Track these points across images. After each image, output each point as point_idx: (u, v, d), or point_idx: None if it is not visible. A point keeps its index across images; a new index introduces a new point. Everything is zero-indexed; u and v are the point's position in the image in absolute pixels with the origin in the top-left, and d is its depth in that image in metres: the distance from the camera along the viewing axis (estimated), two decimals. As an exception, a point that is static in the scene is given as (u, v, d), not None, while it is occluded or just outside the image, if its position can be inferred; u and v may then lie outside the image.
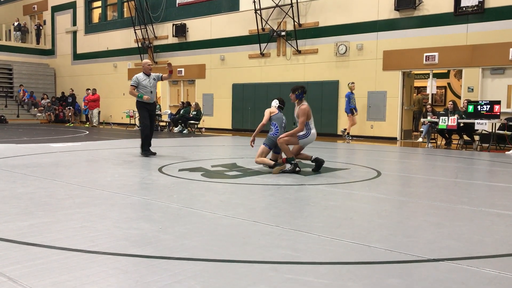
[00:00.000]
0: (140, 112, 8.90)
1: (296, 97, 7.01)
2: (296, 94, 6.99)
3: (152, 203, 4.56)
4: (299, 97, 6.98)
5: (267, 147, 7.19)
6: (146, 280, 2.51)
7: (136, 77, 8.73)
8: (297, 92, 6.99)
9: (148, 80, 8.74)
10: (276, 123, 7.29)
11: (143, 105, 8.77)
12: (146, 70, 8.78)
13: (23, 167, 6.86)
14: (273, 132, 7.21)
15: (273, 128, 7.25)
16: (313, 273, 2.66)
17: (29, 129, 17.42)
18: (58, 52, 26.10)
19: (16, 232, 3.41)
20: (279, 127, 7.26)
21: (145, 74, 8.78)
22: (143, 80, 8.70)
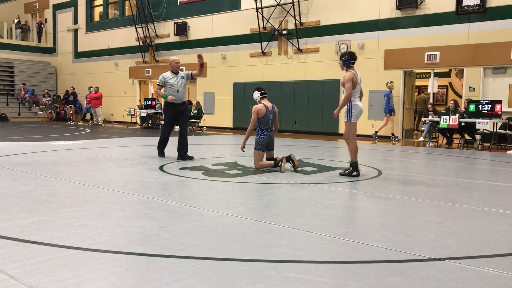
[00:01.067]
0: (166, 115, 8.28)
1: (343, 64, 6.54)
2: (343, 60, 6.52)
3: (153, 201, 4.56)
4: (346, 64, 6.49)
5: (260, 151, 7.02)
6: (147, 278, 2.51)
7: (163, 76, 8.12)
8: (343, 58, 6.53)
9: (175, 78, 8.07)
10: (261, 126, 7.04)
11: (170, 107, 8.12)
12: (174, 68, 8.12)
13: (24, 165, 6.86)
14: (259, 136, 7.02)
15: (259, 132, 7.04)
16: (313, 272, 2.66)
17: (30, 127, 17.43)
18: (59, 50, 26.10)
19: (17, 230, 3.41)
20: (265, 130, 7.02)
21: (173, 73, 8.11)
22: (170, 78, 8.05)
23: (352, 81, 6.31)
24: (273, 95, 16.91)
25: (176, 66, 8.15)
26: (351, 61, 6.50)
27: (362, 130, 14.95)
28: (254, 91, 7.31)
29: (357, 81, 6.38)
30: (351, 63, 6.50)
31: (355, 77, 6.36)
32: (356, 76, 6.38)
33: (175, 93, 8.05)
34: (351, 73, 6.36)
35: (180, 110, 8.20)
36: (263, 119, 7.05)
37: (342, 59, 6.56)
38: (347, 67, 6.51)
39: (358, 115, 6.46)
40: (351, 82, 6.31)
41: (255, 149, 7.07)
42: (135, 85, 22.11)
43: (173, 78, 8.09)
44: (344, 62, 6.53)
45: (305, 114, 16.19)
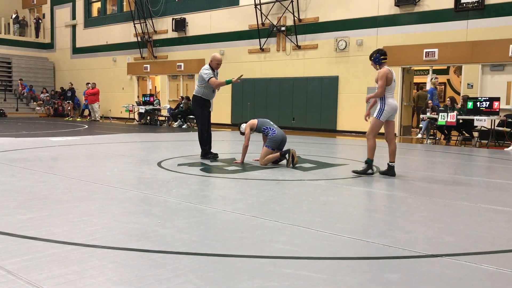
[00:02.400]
0: (203, 112, 7.74)
1: (374, 63, 6.33)
2: (373, 59, 6.32)
3: (151, 197, 4.56)
4: (376, 61, 6.28)
5: (270, 149, 7.01)
6: (145, 274, 2.51)
7: (207, 68, 7.57)
8: (373, 57, 6.33)
9: (215, 75, 7.67)
10: (266, 126, 7.11)
11: (204, 106, 7.73)
12: (215, 66, 7.67)
13: (22, 161, 6.85)
14: (271, 133, 7.03)
15: (269, 130, 7.06)
16: (312, 268, 2.67)
17: (28, 123, 17.39)
18: (57, 46, 26.02)
19: (15, 225, 3.41)
20: (273, 126, 7.13)
21: (212, 69, 7.64)
22: (214, 75, 7.60)
23: (386, 77, 6.09)
24: (271, 91, 16.92)
25: (217, 67, 7.73)
26: (381, 57, 6.26)
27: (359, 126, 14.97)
28: (241, 124, 7.44)
29: (392, 77, 6.15)
30: (382, 59, 6.25)
31: (390, 73, 6.14)
32: (391, 73, 6.17)
33: (212, 90, 7.70)
34: (386, 69, 6.15)
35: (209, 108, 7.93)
36: (260, 122, 7.20)
37: (371, 59, 6.35)
38: (379, 64, 6.27)
39: (389, 113, 6.21)
40: (385, 78, 6.08)
41: (265, 146, 7.04)
42: (133, 81, 22.07)
43: (215, 75, 7.68)
44: (375, 61, 6.30)
45: (303, 111, 16.19)
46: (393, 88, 6.25)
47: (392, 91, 6.25)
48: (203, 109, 7.78)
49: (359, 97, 14.94)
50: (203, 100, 7.72)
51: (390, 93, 6.23)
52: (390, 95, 6.23)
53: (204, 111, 7.79)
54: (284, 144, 7.13)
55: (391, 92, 6.23)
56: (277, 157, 6.99)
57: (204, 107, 7.77)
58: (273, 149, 7.03)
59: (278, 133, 7.04)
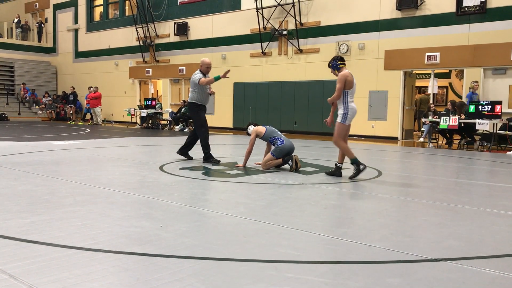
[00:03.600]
0: (200, 117, 7.88)
1: (332, 69, 6.37)
2: (331, 66, 6.37)
3: (153, 201, 4.56)
4: (334, 67, 6.31)
5: (274, 157, 6.97)
6: (147, 278, 2.51)
7: (199, 72, 7.80)
8: (330, 64, 6.38)
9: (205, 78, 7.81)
10: (274, 136, 7.08)
11: (200, 109, 7.88)
12: (205, 71, 7.88)
13: (24, 165, 6.86)
14: (279, 143, 6.97)
15: (277, 140, 7.01)
16: (313, 272, 2.66)
17: (30, 126, 17.43)
18: (59, 50, 26.10)
19: (17, 229, 3.41)
20: (281, 136, 7.09)
21: (203, 74, 7.85)
22: None
23: (346, 80, 6.12)
24: (273, 95, 16.93)
25: (207, 71, 7.93)
26: (339, 62, 6.31)
27: (362, 130, 14.96)
28: (249, 126, 7.51)
29: (352, 80, 6.20)
30: (339, 65, 6.30)
31: (350, 76, 6.17)
32: (352, 76, 6.22)
33: (206, 94, 7.89)
34: (345, 72, 6.17)
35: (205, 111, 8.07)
36: (269, 132, 7.15)
37: (330, 66, 6.42)
38: (338, 70, 6.32)
39: (352, 117, 6.31)
40: (343, 81, 6.13)
41: (270, 153, 7.00)
42: (135, 85, 22.11)
43: None
44: (333, 67, 6.36)
45: (305, 115, 16.19)
46: (354, 92, 6.29)
47: (353, 95, 6.29)
48: (200, 114, 7.91)
49: (361, 101, 14.91)
50: (198, 106, 7.89)
51: (351, 96, 6.27)
52: (351, 98, 6.27)
53: (201, 115, 7.92)
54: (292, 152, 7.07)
55: (352, 96, 6.28)
56: (280, 163, 6.98)
57: (200, 111, 7.92)
58: (278, 158, 6.99)
59: (286, 144, 6.96)
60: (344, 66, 6.35)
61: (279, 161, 6.97)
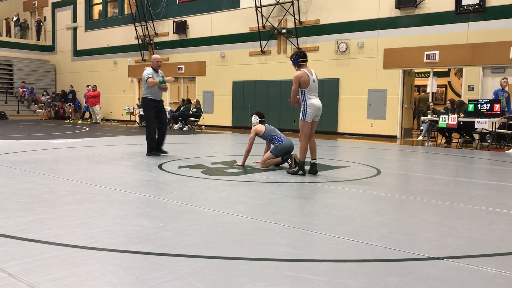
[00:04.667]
0: (149, 112, 8.34)
1: (293, 64, 6.34)
2: (292, 60, 6.35)
3: (152, 200, 4.56)
4: (296, 63, 6.30)
5: (273, 156, 6.99)
6: (146, 277, 2.51)
7: (149, 70, 8.27)
8: (292, 59, 6.36)
9: (157, 75, 8.33)
10: (274, 134, 7.11)
11: (151, 104, 8.28)
12: (156, 66, 8.37)
13: (23, 163, 6.86)
14: (278, 141, 6.99)
15: (277, 139, 7.03)
16: (313, 271, 2.67)
17: (29, 125, 17.41)
18: (58, 49, 26.06)
19: (16, 228, 3.41)
20: (280, 135, 7.12)
21: (154, 70, 8.33)
22: (154, 75, 8.27)
23: (299, 81, 6.14)
24: (272, 94, 16.93)
25: (158, 65, 8.44)
26: (300, 59, 6.26)
27: (361, 129, 14.97)
28: (255, 114, 7.47)
29: (308, 79, 6.15)
30: (300, 62, 6.26)
31: (305, 76, 6.14)
32: (307, 75, 6.15)
33: (157, 90, 8.35)
34: (299, 73, 6.16)
35: (160, 106, 8.48)
36: (268, 131, 7.16)
37: (291, 59, 6.37)
38: (298, 66, 6.29)
39: (313, 114, 6.27)
40: (297, 83, 6.16)
41: (270, 152, 7.02)
42: (134, 83, 22.09)
43: (156, 75, 8.34)
44: (294, 62, 6.32)
45: (304, 113, 16.15)
46: (313, 89, 6.26)
47: (312, 91, 6.27)
48: (149, 109, 8.33)
49: (360, 100, 14.95)
50: (150, 100, 8.29)
51: (311, 94, 6.25)
52: (311, 96, 6.25)
53: (151, 111, 8.33)
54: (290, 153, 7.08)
55: (311, 93, 6.25)
56: (279, 161, 6.98)
57: (151, 107, 8.32)
58: (277, 156, 7.00)
59: (285, 142, 6.97)
60: (305, 62, 6.30)
61: (278, 159, 6.97)
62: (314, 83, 6.28)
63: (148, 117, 8.50)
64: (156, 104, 8.34)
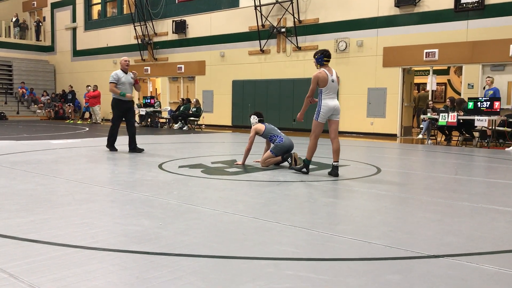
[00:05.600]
0: (116, 112, 8.79)
1: (316, 62, 6.28)
2: (316, 58, 6.27)
3: (152, 199, 4.56)
4: (319, 62, 6.23)
5: (273, 155, 6.98)
6: (146, 276, 2.51)
7: (116, 73, 8.68)
8: (316, 56, 6.29)
9: (125, 77, 8.73)
10: (274, 133, 7.10)
11: (120, 104, 8.69)
12: (124, 67, 8.78)
13: (23, 164, 6.86)
14: (278, 140, 6.99)
15: (277, 138, 7.03)
16: (313, 270, 2.67)
17: (29, 125, 17.41)
18: (57, 49, 26.04)
19: (16, 228, 3.41)
20: (280, 134, 7.11)
21: (123, 71, 8.76)
22: (122, 77, 8.68)
23: (318, 80, 6.10)
24: (271, 93, 16.92)
25: (125, 65, 8.81)
26: (324, 59, 6.23)
27: (360, 127, 14.97)
28: (253, 115, 7.47)
29: (327, 79, 6.09)
30: (324, 61, 6.23)
31: (323, 74, 6.10)
32: (326, 74, 6.10)
33: (128, 91, 8.73)
34: (319, 72, 6.13)
35: (128, 106, 8.86)
36: (268, 130, 7.15)
37: (315, 57, 6.33)
38: (321, 65, 6.24)
39: (326, 114, 6.20)
40: (315, 83, 6.12)
41: (270, 151, 7.01)
42: (134, 83, 22.05)
43: (124, 77, 8.70)
44: (317, 60, 6.26)
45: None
46: (331, 88, 6.18)
47: (330, 91, 6.18)
48: (117, 107, 8.72)
49: (359, 98, 14.94)
50: (117, 100, 8.69)
51: (328, 94, 6.17)
52: (327, 96, 6.18)
53: (118, 111, 8.73)
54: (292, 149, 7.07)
55: (328, 93, 6.17)
56: (279, 160, 6.98)
57: (120, 107, 8.70)
58: (277, 155, 6.99)
59: (285, 141, 6.97)
60: (327, 62, 6.28)
61: (278, 158, 6.97)
62: (333, 83, 6.20)
63: (115, 115, 8.88)
64: (125, 104, 8.74)
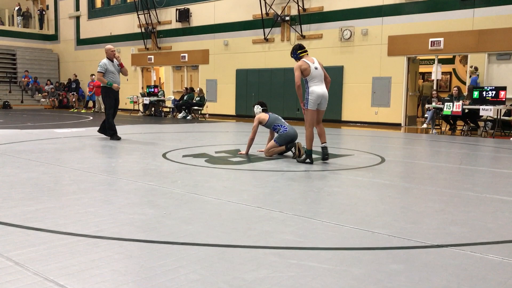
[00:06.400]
0: (108, 101, 8.92)
1: (295, 59, 6.43)
2: (293, 56, 6.46)
3: (156, 188, 4.57)
4: (296, 57, 6.40)
5: (277, 144, 6.96)
6: (151, 265, 2.52)
7: (104, 63, 8.70)
8: (292, 55, 6.48)
9: (112, 65, 8.80)
10: (278, 123, 7.08)
11: (111, 93, 8.82)
12: (110, 56, 8.81)
13: (28, 153, 6.88)
14: (282, 130, 6.96)
15: (281, 127, 7.00)
16: (316, 258, 2.67)
17: (33, 114, 17.45)
18: (61, 38, 26.00)
19: (21, 217, 3.43)
20: (284, 124, 7.09)
21: (109, 60, 8.80)
22: (110, 66, 8.75)
23: (300, 69, 6.17)
24: (276, 82, 16.86)
25: (112, 54, 8.83)
26: (299, 51, 6.36)
27: (365, 117, 14.93)
28: (257, 104, 7.46)
29: (308, 67, 6.17)
30: (300, 53, 6.36)
31: (304, 64, 6.19)
32: (307, 64, 6.19)
33: (116, 79, 8.84)
34: (299, 62, 6.23)
35: (117, 95, 9.01)
36: (272, 119, 7.13)
37: (292, 56, 6.48)
38: (299, 59, 6.35)
39: (315, 101, 6.27)
40: (299, 70, 6.17)
41: (273, 141, 6.98)
42: (138, 72, 22.05)
43: (111, 66, 8.78)
44: (295, 57, 6.42)
45: (308, 101, 16.10)
46: (315, 76, 6.24)
47: (315, 79, 6.24)
48: (108, 95, 8.84)
49: (364, 87, 14.87)
50: (108, 89, 8.78)
51: (313, 81, 6.24)
52: (313, 83, 6.24)
53: (110, 97, 8.86)
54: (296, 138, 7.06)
55: (314, 81, 6.24)
56: (283, 150, 6.97)
57: (111, 95, 8.84)
58: (281, 145, 6.97)
59: (290, 131, 6.94)
60: (304, 53, 6.37)
61: (282, 148, 6.96)
62: (316, 70, 6.27)
63: (107, 105, 8.99)
64: (115, 92, 8.88)
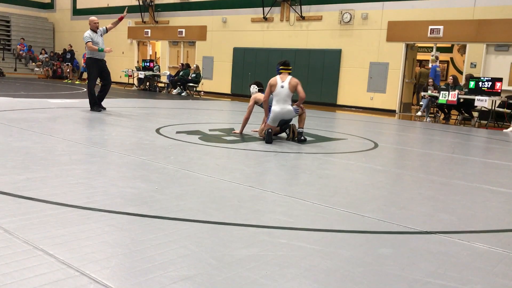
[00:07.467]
0: (93, 71, 8.98)
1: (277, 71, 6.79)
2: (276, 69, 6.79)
3: (148, 163, 4.56)
4: (277, 71, 6.75)
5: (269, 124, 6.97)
6: (141, 239, 2.53)
7: (88, 34, 8.85)
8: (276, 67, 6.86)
9: (97, 36, 8.98)
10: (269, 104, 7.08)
11: (95, 63, 8.88)
12: (93, 27, 9.01)
13: (20, 121, 6.82)
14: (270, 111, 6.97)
15: None
16: (306, 239, 2.70)
17: (26, 83, 17.25)
18: (57, 6, 25.54)
19: (12, 185, 3.42)
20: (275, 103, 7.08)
21: (93, 32, 8.97)
22: (95, 37, 8.90)
23: (269, 84, 6.53)
24: (273, 62, 16.73)
25: (95, 26, 9.08)
26: (281, 67, 6.65)
27: (360, 102, 14.91)
28: (253, 84, 7.52)
29: (276, 84, 6.47)
30: (280, 69, 6.64)
31: (273, 81, 6.50)
32: (275, 80, 6.49)
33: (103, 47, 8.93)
34: (272, 78, 6.56)
35: (103, 65, 9.06)
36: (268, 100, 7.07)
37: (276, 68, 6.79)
38: (279, 74, 6.62)
39: (275, 120, 6.54)
40: (269, 86, 6.54)
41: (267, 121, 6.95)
42: (134, 45, 21.79)
43: (96, 37, 8.95)
44: (276, 69, 6.73)
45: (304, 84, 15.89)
46: (279, 94, 6.50)
47: (278, 97, 6.53)
48: (93, 68, 8.93)
49: (361, 72, 14.83)
50: (93, 60, 8.89)
51: (276, 99, 6.55)
52: (275, 101, 6.56)
53: (95, 70, 8.94)
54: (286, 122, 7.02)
55: (276, 98, 6.54)
56: (277, 131, 6.96)
57: (96, 66, 8.91)
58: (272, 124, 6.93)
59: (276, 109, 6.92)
60: (285, 70, 6.65)
61: (276, 129, 6.94)
62: (282, 89, 6.54)
63: (91, 76, 9.11)
64: (100, 63, 8.96)
